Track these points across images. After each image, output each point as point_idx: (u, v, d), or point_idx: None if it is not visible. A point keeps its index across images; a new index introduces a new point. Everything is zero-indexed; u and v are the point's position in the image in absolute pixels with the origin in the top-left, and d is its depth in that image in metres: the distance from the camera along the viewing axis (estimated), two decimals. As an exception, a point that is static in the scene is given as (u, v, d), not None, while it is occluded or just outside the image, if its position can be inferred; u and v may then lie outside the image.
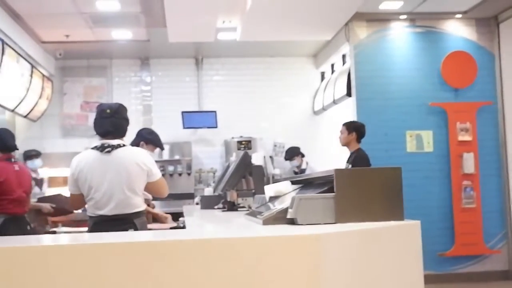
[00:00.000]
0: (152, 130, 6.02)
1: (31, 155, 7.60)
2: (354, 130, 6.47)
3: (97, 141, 4.16)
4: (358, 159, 6.20)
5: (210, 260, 2.21)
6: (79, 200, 4.18)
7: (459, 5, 7.82)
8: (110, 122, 4.13)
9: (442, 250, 7.79)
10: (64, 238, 3.22)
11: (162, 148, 5.91)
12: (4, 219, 5.40)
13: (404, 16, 8.09)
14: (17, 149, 5.89)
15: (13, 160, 5.67)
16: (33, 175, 7.41)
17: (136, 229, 4.04)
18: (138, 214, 4.15)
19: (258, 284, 2.22)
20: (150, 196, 4.97)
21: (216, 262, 2.21)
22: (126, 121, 4.26)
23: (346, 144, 6.49)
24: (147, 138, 5.68)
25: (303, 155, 9.58)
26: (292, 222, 2.79)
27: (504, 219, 8.00)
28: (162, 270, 2.18)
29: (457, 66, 8.05)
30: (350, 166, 6.23)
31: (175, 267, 2.18)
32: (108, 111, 4.16)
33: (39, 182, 7.49)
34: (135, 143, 5.61)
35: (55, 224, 6.60)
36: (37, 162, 7.48)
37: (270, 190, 3.76)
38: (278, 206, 3.25)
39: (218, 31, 8.72)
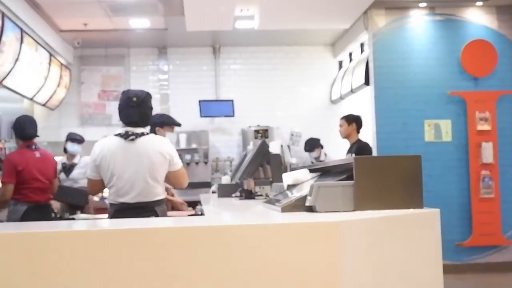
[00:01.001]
0: (160, 113, 6.03)
1: (76, 139, 7.56)
2: (353, 121, 6.63)
3: (120, 128, 4.18)
4: (361, 148, 6.31)
5: (229, 246, 2.22)
6: (98, 185, 4.21)
7: (479, -7, 7.76)
8: (137, 113, 4.13)
9: (460, 240, 7.77)
10: (85, 224, 3.25)
11: (178, 124, 5.91)
12: (27, 207, 5.43)
13: (424, 4, 8.03)
14: (37, 136, 5.88)
15: (34, 147, 5.68)
16: (68, 159, 7.40)
17: (157, 216, 4.06)
18: (159, 202, 4.18)
19: (277, 271, 2.22)
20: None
21: (235, 249, 2.22)
22: (151, 110, 4.28)
23: (346, 136, 6.70)
24: (160, 122, 5.69)
25: (322, 147, 9.59)
26: (310, 209, 2.80)
27: (523, 209, 7.96)
28: (181, 256, 2.20)
29: (477, 55, 7.98)
30: (353, 155, 6.27)
31: (194, 254, 2.20)
32: (134, 99, 4.15)
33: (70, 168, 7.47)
34: (151, 132, 5.63)
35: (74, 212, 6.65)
36: (76, 147, 7.46)
37: (288, 178, 3.78)
38: (296, 194, 3.26)
39: (235, 20, 8.71)
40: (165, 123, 5.73)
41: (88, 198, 6.68)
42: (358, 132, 6.72)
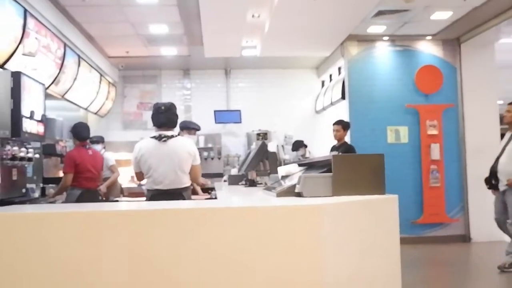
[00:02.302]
0: (185, 121, 6.06)
1: (93, 140, 7.64)
2: (347, 127, 6.41)
3: (154, 132, 4.18)
4: (349, 150, 6.09)
5: (236, 223, 2.23)
6: (140, 176, 4.23)
7: (429, 29, 7.73)
8: (165, 117, 4.15)
9: (414, 218, 7.76)
10: (129, 205, 3.26)
11: (197, 129, 5.94)
12: (81, 191, 5.46)
13: (387, 38, 8.02)
14: (90, 138, 5.91)
15: (87, 146, 5.71)
16: None
17: (184, 199, 4.08)
18: (185, 188, 4.19)
19: (273, 243, 2.23)
20: None
21: (241, 225, 2.23)
22: (176, 116, 4.27)
23: (341, 139, 6.34)
24: (182, 126, 5.75)
25: (306, 146, 9.55)
26: (299, 195, 2.80)
27: (462, 195, 7.94)
28: (200, 232, 2.21)
29: (427, 77, 7.98)
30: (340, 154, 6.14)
31: (209, 229, 2.21)
32: (163, 108, 4.19)
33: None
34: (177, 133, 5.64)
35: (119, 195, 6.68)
36: (97, 146, 7.52)
37: (282, 170, 3.77)
38: (288, 183, 3.26)
39: (242, 49, 8.72)
40: (185, 128, 5.76)
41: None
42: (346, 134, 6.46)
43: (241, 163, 7.45)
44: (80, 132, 5.65)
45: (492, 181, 5.75)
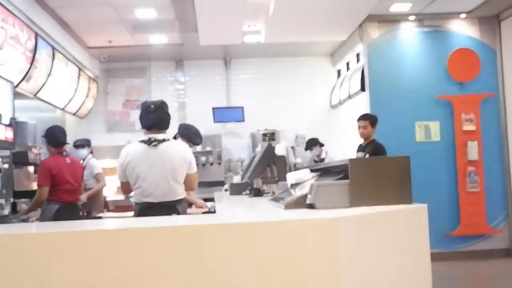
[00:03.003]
0: (188, 125, 5.92)
1: (77, 144, 7.71)
2: (375, 122, 6.22)
3: (143, 135, 4.19)
4: (377, 150, 5.92)
5: (237, 242, 2.22)
6: (127, 187, 4.23)
7: (463, 6, 7.69)
8: (155, 116, 4.15)
9: (449, 230, 7.72)
10: (113, 223, 3.26)
11: (195, 144, 5.83)
12: (59, 206, 5.48)
13: (413, 17, 7.99)
14: (68, 144, 5.94)
15: (64, 153, 5.73)
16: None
17: (178, 213, 4.08)
18: (180, 201, 4.20)
19: (281, 264, 2.22)
20: None
21: (241, 244, 2.22)
22: (168, 116, 4.27)
23: (368, 137, 6.16)
24: (182, 133, 5.67)
25: (321, 145, 9.53)
26: (311, 206, 2.79)
27: (506, 202, 7.88)
28: (195, 250, 2.20)
29: (462, 62, 7.94)
30: (367, 155, 6.03)
31: (205, 248, 2.20)
32: (152, 106, 4.19)
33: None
34: (174, 136, 5.62)
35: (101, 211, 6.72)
36: (82, 152, 7.57)
37: (291, 177, 3.75)
38: (298, 192, 3.25)
39: (244, 34, 8.72)
40: (185, 136, 5.59)
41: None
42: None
43: (245, 169, 7.45)
44: (55, 137, 5.66)
45: None
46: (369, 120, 6.22)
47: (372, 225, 2.55)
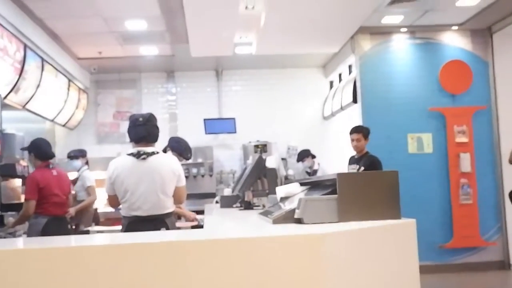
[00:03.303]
0: (179, 139, 5.91)
1: (70, 156, 7.68)
2: (368, 134, 6.20)
3: (132, 148, 4.18)
4: (373, 164, 5.87)
5: (223, 258, 2.21)
6: (115, 200, 4.22)
7: (455, 18, 7.75)
8: (144, 129, 4.15)
9: (442, 242, 7.72)
10: (100, 238, 3.25)
11: (185, 158, 5.81)
12: (47, 219, 5.45)
13: (405, 29, 8.04)
14: (54, 156, 5.91)
15: (51, 166, 5.71)
16: (74, 175, 7.50)
17: (167, 228, 4.07)
18: (169, 214, 4.20)
19: (268, 280, 2.21)
20: None
21: (228, 260, 2.21)
22: (157, 128, 4.28)
23: (362, 150, 6.14)
24: (173, 146, 5.67)
25: (313, 156, 9.53)
26: (299, 221, 2.78)
27: (499, 214, 7.91)
28: (183, 267, 2.19)
29: (454, 74, 7.98)
30: (362, 168, 5.99)
31: (194, 265, 2.19)
32: (140, 119, 4.19)
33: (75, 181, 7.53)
34: (163, 149, 5.60)
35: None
36: (76, 163, 7.54)
37: (281, 191, 3.75)
38: (288, 206, 3.24)
39: (235, 46, 8.74)
40: (175, 150, 5.57)
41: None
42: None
43: (236, 181, 7.43)
44: (42, 150, 5.63)
45: None
46: (362, 132, 6.19)
47: (360, 240, 2.55)
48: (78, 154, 7.63)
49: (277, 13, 6.91)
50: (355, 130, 6.23)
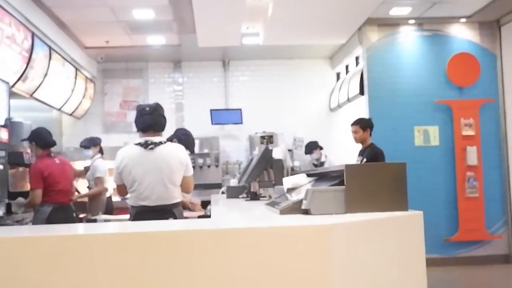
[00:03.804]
0: (187, 132, 5.95)
1: (82, 146, 7.66)
2: (368, 126, 6.21)
3: (139, 138, 4.19)
4: (375, 155, 5.90)
5: (231, 247, 2.22)
6: (123, 189, 4.24)
7: (463, 10, 7.72)
8: (150, 118, 4.16)
9: (447, 235, 7.73)
10: (107, 227, 3.27)
11: (191, 152, 5.83)
12: (52, 207, 5.48)
13: (413, 21, 8.01)
14: (55, 144, 5.91)
15: (52, 155, 5.73)
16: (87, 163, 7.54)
17: (175, 217, 4.09)
18: (176, 204, 4.20)
19: (275, 270, 2.22)
20: None
21: (235, 250, 2.22)
22: (163, 118, 4.29)
23: (362, 141, 6.19)
24: (180, 139, 5.69)
25: (321, 148, 9.53)
26: (306, 212, 2.79)
27: (505, 207, 7.90)
28: (190, 257, 2.20)
29: (461, 66, 7.96)
30: (365, 160, 6.06)
31: (199, 254, 2.20)
32: (147, 109, 4.21)
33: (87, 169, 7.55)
34: (170, 139, 5.62)
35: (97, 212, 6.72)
36: (86, 153, 7.55)
37: (288, 182, 3.75)
38: (294, 197, 3.25)
39: (242, 36, 8.73)
40: (183, 142, 5.58)
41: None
42: (370, 135, 6.21)
43: (242, 172, 7.45)
44: (44, 139, 5.64)
45: None
46: (359, 124, 6.20)
47: (367, 231, 2.55)
48: (88, 144, 7.58)
49: (284, 3, 6.90)
50: (353, 122, 6.27)
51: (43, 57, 7.21)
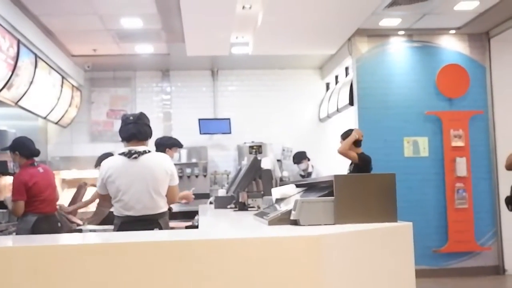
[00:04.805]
0: (167, 136, 6.15)
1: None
2: (347, 136, 6.35)
3: (124, 148, 4.18)
4: (361, 162, 6.09)
5: (219, 258, 2.20)
6: (107, 199, 4.23)
7: (453, 22, 7.79)
8: (134, 127, 4.18)
9: (437, 246, 7.75)
10: (92, 237, 3.24)
11: (181, 146, 6.26)
12: (36, 217, 5.43)
13: (402, 32, 8.07)
14: (40, 153, 5.84)
15: (36, 164, 5.68)
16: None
17: (160, 228, 4.07)
18: (162, 214, 4.19)
19: (263, 282, 2.20)
20: None
21: (223, 261, 2.20)
22: (148, 127, 4.29)
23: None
24: (169, 144, 5.85)
25: (308, 159, 9.56)
26: (295, 223, 2.78)
27: (494, 219, 7.94)
28: (177, 268, 2.18)
29: (451, 78, 8.02)
30: (352, 166, 6.19)
31: (188, 265, 2.19)
32: (131, 118, 4.24)
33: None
34: (160, 151, 5.74)
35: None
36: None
37: (276, 192, 3.75)
38: (283, 207, 3.24)
39: (232, 46, 8.74)
40: (174, 145, 5.96)
41: None
42: (358, 145, 6.31)
43: (230, 182, 7.43)
44: (28, 148, 5.60)
45: None
46: (341, 137, 6.41)
47: (356, 242, 2.55)
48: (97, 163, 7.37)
49: (274, 13, 6.92)
50: (341, 135, 6.48)
51: (29, 65, 7.17)
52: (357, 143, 6.33)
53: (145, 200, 4.06)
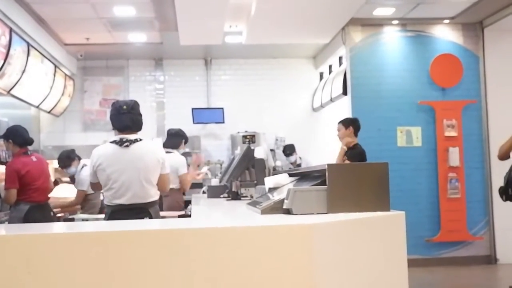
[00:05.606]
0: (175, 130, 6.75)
1: (61, 167, 7.28)
2: (350, 124, 6.31)
3: (115, 136, 4.17)
4: (354, 155, 6.03)
5: (211, 247, 2.20)
6: (98, 187, 4.24)
7: (446, 11, 7.79)
8: (129, 118, 4.14)
9: (429, 236, 7.79)
10: (83, 225, 3.23)
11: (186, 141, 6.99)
12: (29, 206, 5.43)
13: (396, 21, 8.06)
14: (33, 142, 5.86)
15: (29, 152, 5.67)
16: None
17: (151, 217, 4.07)
18: (152, 203, 4.18)
19: (256, 270, 2.21)
20: None
21: (216, 250, 2.20)
22: (140, 116, 4.28)
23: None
24: (186, 138, 6.70)
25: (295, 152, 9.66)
26: (288, 212, 2.79)
27: (486, 208, 7.98)
28: (169, 256, 2.18)
29: (444, 67, 8.03)
30: (347, 161, 6.15)
31: (178, 254, 2.19)
32: (125, 107, 4.18)
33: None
34: (177, 142, 6.46)
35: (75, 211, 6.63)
36: (70, 170, 7.29)
37: (269, 182, 3.76)
38: (276, 196, 3.25)
39: (225, 35, 8.71)
40: (187, 140, 6.68)
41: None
42: (355, 135, 6.30)
43: (223, 171, 7.44)
44: (22, 136, 5.59)
45: (509, 191, 5.76)
46: (342, 122, 6.33)
47: (348, 231, 2.56)
48: (68, 162, 7.09)
49: (267, 2, 6.89)
50: (340, 121, 6.40)
51: (21, 53, 7.12)
52: (356, 131, 6.31)
53: (135, 188, 4.05)
